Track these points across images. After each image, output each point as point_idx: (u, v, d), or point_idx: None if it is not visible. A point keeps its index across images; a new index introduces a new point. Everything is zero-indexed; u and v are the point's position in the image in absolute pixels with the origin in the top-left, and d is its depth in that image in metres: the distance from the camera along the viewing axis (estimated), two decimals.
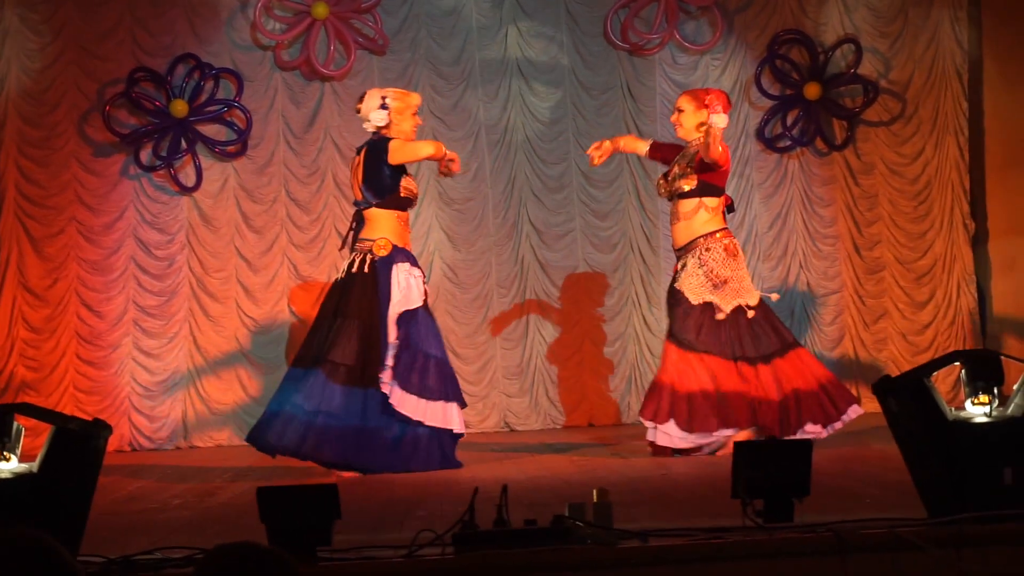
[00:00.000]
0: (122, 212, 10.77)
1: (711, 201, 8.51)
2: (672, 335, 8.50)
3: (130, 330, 10.71)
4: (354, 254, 8.39)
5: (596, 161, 8.92)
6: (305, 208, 10.94)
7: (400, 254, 8.34)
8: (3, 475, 4.97)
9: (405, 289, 8.28)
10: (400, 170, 8.37)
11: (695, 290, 8.42)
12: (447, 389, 8.24)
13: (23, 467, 5.02)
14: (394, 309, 8.24)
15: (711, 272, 8.42)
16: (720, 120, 8.17)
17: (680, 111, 8.67)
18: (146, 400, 10.67)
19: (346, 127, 10.76)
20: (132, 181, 10.80)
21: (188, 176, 10.80)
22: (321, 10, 10.71)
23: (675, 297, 8.53)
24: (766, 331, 8.50)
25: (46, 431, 5.08)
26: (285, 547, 4.53)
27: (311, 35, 10.79)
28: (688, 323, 8.42)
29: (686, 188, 8.49)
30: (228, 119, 10.85)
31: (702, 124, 8.43)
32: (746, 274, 8.64)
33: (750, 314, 8.46)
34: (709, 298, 8.42)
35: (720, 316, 8.41)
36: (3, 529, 2.54)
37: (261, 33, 10.84)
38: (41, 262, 10.67)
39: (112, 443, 5.21)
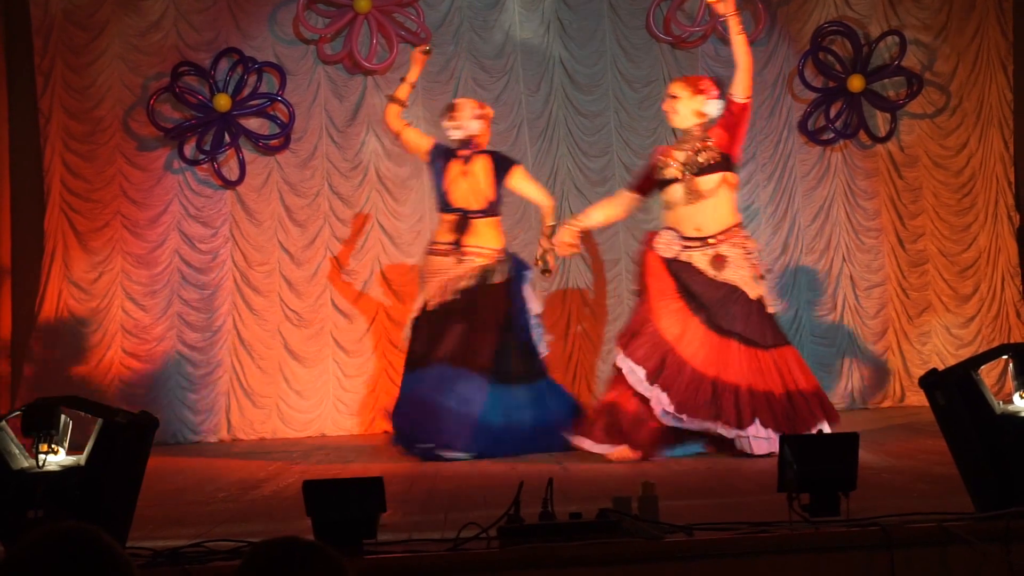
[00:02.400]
0: (166, 206, 10.82)
1: (733, 178, 8.21)
2: (740, 335, 8.02)
3: (174, 323, 10.76)
4: (470, 261, 8.77)
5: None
6: (348, 202, 10.97)
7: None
8: (51, 468, 5.00)
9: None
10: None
11: (750, 284, 8.10)
12: None
13: (71, 460, 5.05)
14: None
15: (755, 263, 8.26)
16: (714, 108, 8.22)
17: (674, 98, 8.27)
18: (190, 393, 10.72)
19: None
20: (176, 175, 10.86)
21: (231, 170, 10.84)
22: (363, 4, 10.72)
23: (732, 294, 8.09)
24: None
25: (93, 424, 5.12)
26: (331, 540, 4.55)
27: (353, 29, 10.81)
28: (752, 321, 8.04)
29: (709, 162, 8.09)
30: (271, 113, 10.89)
31: (698, 112, 8.24)
32: None
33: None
34: (761, 292, 8.16)
35: (770, 310, 8.25)
36: (56, 523, 2.56)
37: (304, 27, 10.87)
38: (86, 256, 10.73)
39: (156, 436, 5.21)
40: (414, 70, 9.08)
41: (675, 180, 8.16)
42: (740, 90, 8.19)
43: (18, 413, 5.20)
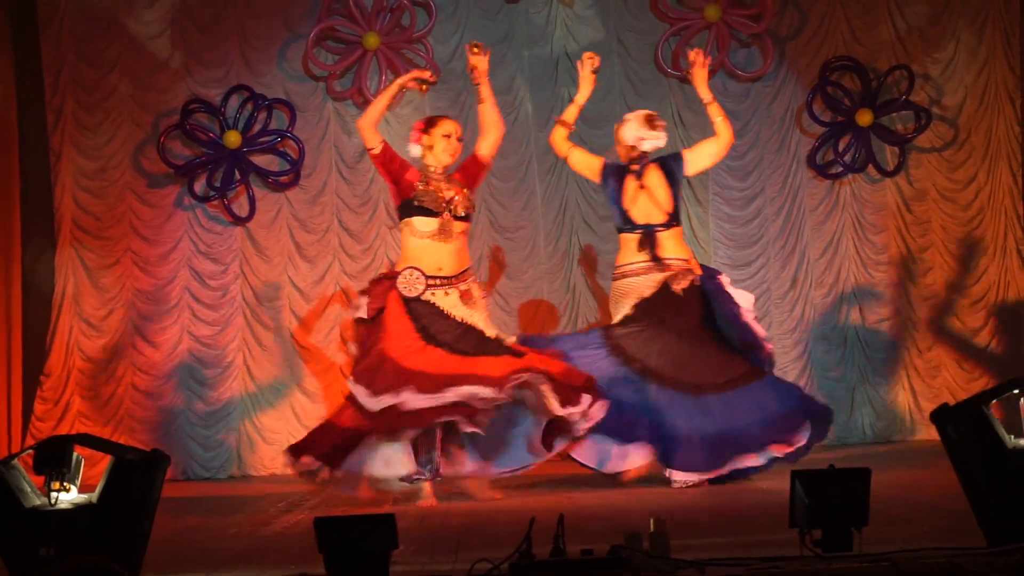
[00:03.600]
0: (176, 242, 10.86)
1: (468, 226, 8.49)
2: None
3: (185, 360, 10.78)
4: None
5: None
6: (357, 237, 10.99)
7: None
8: (63, 506, 5.01)
9: None
10: None
11: (488, 326, 8.37)
12: None
13: (83, 497, 5.06)
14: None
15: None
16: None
17: (460, 140, 8.48)
18: (200, 429, 10.73)
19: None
20: (186, 212, 10.89)
21: (241, 206, 10.87)
22: (372, 40, 10.77)
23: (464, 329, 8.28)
24: None
25: (104, 461, 5.13)
26: None
27: (363, 65, 10.85)
28: None
29: (470, 211, 8.40)
30: (281, 149, 10.92)
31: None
32: None
33: None
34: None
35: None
36: (76, 558, 2.58)
37: (313, 64, 10.91)
38: (97, 292, 10.76)
39: (167, 472, 5.22)
40: (584, 90, 8.95)
41: None
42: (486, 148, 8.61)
43: (30, 451, 5.21)
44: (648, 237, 8.65)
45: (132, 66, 10.88)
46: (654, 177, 8.75)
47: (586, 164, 8.96)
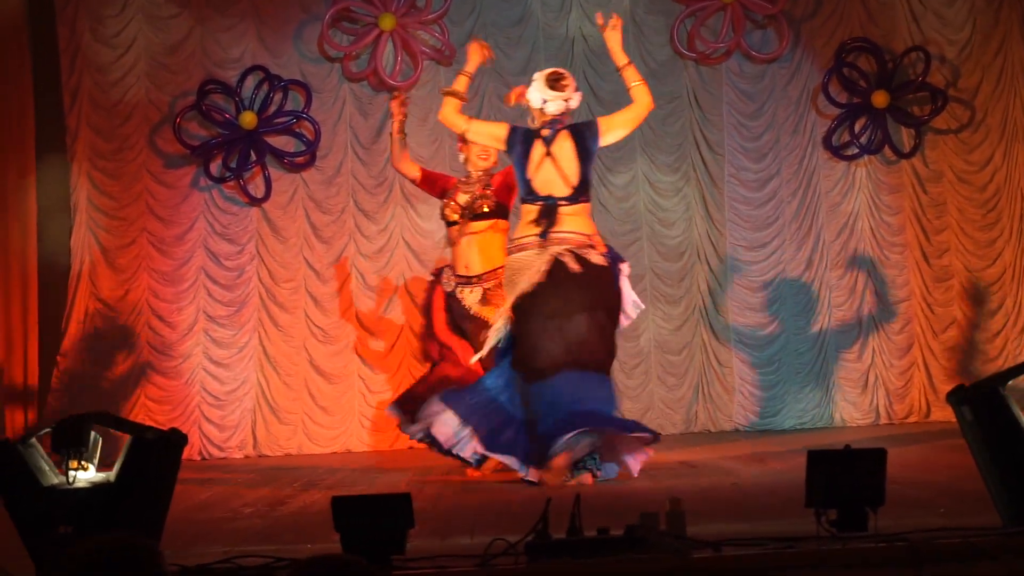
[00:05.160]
0: (192, 223, 10.88)
1: (503, 223, 8.48)
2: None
3: (200, 340, 10.81)
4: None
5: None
6: (373, 218, 11.00)
7: None
8: (81, 484, 5.03)
9: None
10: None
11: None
12: None
13: (100, 476, 5.08)
14: None
15: None
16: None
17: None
18: (216, 409, 10.77)
19: (412, 137, 10.78)
20: (202, 193, 10.91)
21: (257, 187, 10.89)
22: (388, 21, 10.77)
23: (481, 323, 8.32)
24: None
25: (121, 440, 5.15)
26: (359, 555, 4.56)
27: (378, 46, 10.85)
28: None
29: (487, 209, 8.40)
30: (297, 130, 10.93)
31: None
32: None
33: None
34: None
35: None
36: (103, 536, 2.59)
37: (329, 45, 10.92)
38: (113, 273, 10.79)
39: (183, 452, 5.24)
40: (473, 61, 8.12)
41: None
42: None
43: (48, 430, 5.23)
44: (547, 211, 7.72)
45: (148, 47, 10.90)
46: (564, 146, 7.78)
47: (489, 134, 8.07)
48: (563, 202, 7.74)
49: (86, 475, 5.06)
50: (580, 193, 7.80)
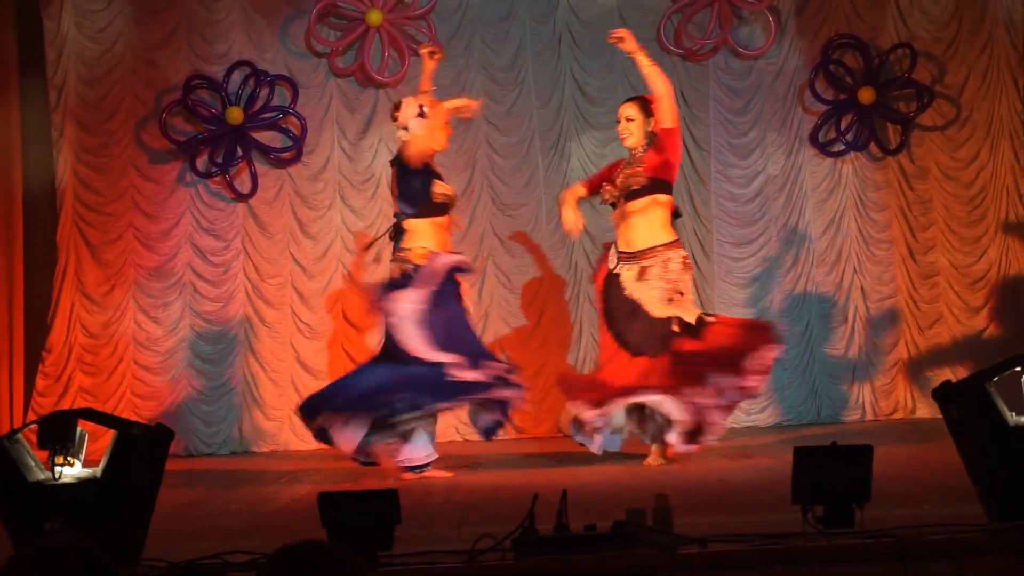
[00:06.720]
0: (179, 219, 10.86)
1: (663, 197, 8.50)
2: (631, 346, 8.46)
3: (186, 336, 10.79)
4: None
5: (576, 232, 9.03)
6: (360, 214, 10.99)
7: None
8: (67, 480, 5.02)
9: None
10: (429, 176, 8.53)
11: (655, 304, 8.40)
12: None
13: (87, 472, 5.07)
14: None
15: (672, 283, 8.44)
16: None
17: (630, 120, 8.61)
18: (202, 405, 10.75)
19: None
20: (188, 188, 10.89)
21: (244, 183, 10.87)
22: (375, 17, 10.76)
23: (632, 307, 8.46)
24: None
25: (108, 435, 5.14)
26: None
27: (365, 42, 10.84)
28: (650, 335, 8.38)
29: (637, 185, 8.46)
30: (283, 126, 10.92)
31: (651, 132, 8.53)
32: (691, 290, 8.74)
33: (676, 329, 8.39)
34: (671, 313, 8.39)
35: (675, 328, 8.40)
36: (51, 534, 2.60)
37: (316, 40, 10.90)
38: (99, 268, 10.77)
39: (169, 448, 5.24)
40: (424, 79, 8.73)
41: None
42: (664, 117, 8.49)
43: (34, 425, 5.22)
44: (396, 225, 8.85)
45: (134, 42, 10.88)
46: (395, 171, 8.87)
47: None
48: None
49: (72, 471, 5.06)
50: None
